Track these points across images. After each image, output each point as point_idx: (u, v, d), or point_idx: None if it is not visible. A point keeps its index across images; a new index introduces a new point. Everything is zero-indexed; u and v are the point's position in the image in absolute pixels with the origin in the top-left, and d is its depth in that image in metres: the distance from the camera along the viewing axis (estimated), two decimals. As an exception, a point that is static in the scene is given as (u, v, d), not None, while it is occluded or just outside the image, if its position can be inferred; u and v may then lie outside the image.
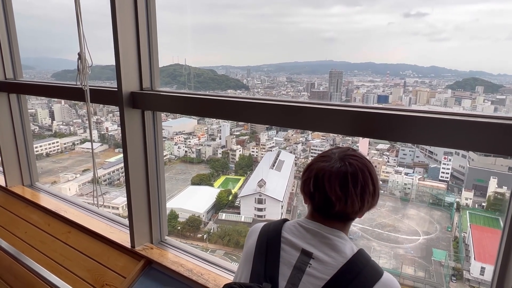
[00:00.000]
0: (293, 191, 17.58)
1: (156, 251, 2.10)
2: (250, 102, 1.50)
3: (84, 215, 2.55)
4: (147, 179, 2.08)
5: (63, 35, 18.24)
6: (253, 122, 1.52)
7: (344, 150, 1.01)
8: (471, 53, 22.65)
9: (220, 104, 1.63)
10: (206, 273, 1.86)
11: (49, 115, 21.68)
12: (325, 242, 0.95)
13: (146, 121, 1.98)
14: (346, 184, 0.94)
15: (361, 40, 21.01)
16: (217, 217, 15.45)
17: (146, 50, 1.90)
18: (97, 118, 21.35)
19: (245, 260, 1.04)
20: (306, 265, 0.92)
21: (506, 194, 13.18)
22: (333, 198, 0.95)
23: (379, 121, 1.20)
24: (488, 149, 1.05)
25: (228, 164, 20.11)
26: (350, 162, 0.97)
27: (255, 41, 24.28)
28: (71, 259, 2.25)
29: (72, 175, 17.04)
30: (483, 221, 13.10)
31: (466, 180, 14.30)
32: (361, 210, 0.97)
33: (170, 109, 1.93)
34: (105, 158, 18.81)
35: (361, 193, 0.95)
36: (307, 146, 19.94)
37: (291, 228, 1.01)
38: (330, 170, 0.96)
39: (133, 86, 1.92)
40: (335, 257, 0.91)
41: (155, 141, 2.06)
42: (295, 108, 1.42)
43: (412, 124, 1.14)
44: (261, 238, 1.03)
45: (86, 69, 1.86)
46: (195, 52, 23.80)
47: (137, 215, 2.09)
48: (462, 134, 1.07)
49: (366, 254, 0.93)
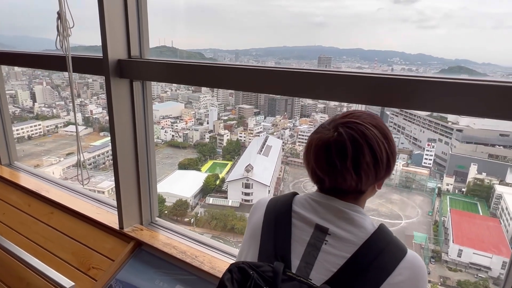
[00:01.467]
0: (280, 176, 17.69)
1: (147, 232, 1.98)
2: (253, 69, 1.37)
3: (68, 195, 2.39)
4: (136, 155, 1.94)
5: (46, 11, 17.36)
6: (254, 90, 1.39)
7: (346, 115, 0.87)
8: (458, 41, 22.81)
9: (216, 71, 1.49)
10: (200, 255, 1.76)
11: (30, 97, 20.88)
12: (341, 216, 0.84)
13: (135, 92, 1.81)
14: (330, 157, 0.82)
15: (350, 25, 20.82)
16: (204, 201, 15.44)
17: (135, 13, 1.72)
18: (80, 101, 20.71)
19: (250, 237, 0.93)
20: (322, 242, 0.82)
21: (485, 180, 13.65)
22: (320, 173, 0.85)
23: (398, 87, 1.10)
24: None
25: (215, 149, 20.01)
26: (343, 130, 0.83)
27: (244, 24, 23.72)
28: (54, 241, 2.10)
29: (56, 159, 16.59)
30: (462, 206, 13.56)
31: (448, 166, 14.70)
32: (362, 184, 0.84)
33: (162, 77, 1.76)
34: (90, 142, 18.37)
35: (354, 166, 0.82)
36: (295, 132, 19.99)
37: (302, 202, 0.90)
38: (317, 141, 0.85)
39: (121, 54, 1.74)
40: (354, 233, 0.81)
41: (144, 114, 1.90)
42: (301, 74, 1.29)
43: (438, 89, 1.03)
44: (269, 214, 0.92)
45: (67, 31, 1.66)
46: (183, 34, 23.05)
47: (126, 194, 1.95)
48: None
49: (388, 229, 0.84)
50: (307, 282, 0.75)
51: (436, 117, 15.56)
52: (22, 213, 2.38)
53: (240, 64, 1.41)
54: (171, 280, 1.73)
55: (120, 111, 1.82)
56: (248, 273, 0.74)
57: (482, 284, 10.47)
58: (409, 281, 0.78)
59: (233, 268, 0.76)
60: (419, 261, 0.82)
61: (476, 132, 14.33)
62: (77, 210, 2.18)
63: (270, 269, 0.76)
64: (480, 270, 10.72)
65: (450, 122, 15.07)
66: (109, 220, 2.06)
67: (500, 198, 12.48)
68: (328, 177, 0.85)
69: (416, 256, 0.82)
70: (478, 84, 1.00)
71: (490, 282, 10.50)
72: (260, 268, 0.75)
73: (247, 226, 0.99)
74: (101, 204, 2.27)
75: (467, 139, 14.49)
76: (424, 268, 0.81)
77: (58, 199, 2.30)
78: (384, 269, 0.77)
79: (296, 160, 18.35)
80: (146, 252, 1.90)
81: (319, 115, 20.14)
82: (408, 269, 0.78)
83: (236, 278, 0.74)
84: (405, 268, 0.78)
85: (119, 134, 1.85)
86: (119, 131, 1.85)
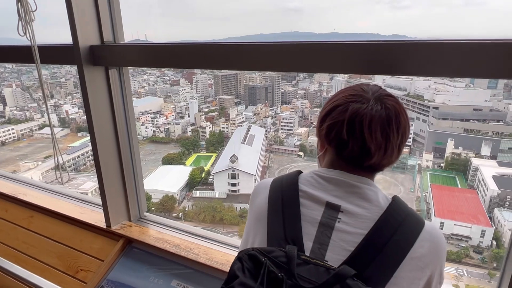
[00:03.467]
0: (266, 164, 17.72)
1: (136, 228, 1.88)
2: (243, 45, 1.27)
3: (48, 196, 2.25)
4: (118, 149, 1.82)
5: (5, 11, 16.37)
6: (243, 68, 1.31)
7: (377, 89, 0.83)
8: (430, 21, 23.22)
9: (202, 49, 1.38)
10: (195, 247, 1.69)
11: (0, 101, 19.83)
12: (353, 191, 0.79)
13: (111, 80, 1.69)
14: (388, 131, 0.77)
15: (325, 9, 20.79)
16: (191, 195, 15.29)
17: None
18: (54, 102, 19.85)
19: (255, 221, 0.86)
20: (335, 220, 0.76)
21: (462, 154, 14.16)
22: (372, 147, 0.77)
23: (395, 53, 1.04)
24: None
25: (198, 142, 19.76)
26: (389, 104, 0.79)
27: (220, 13, 23.23)
28: (36, 246, 1.97)
29: (34, 163, 15.91)
30: (442, 181, 14.04)
31: (426, 143, 15.13)
32: (395, 160, 0.83)
33: (140, 62, 1.63)
34: (68, 143, 17.72)
35: (401, 141, 0.80)
36: (277, 119, 19.97)
37: (309, 180, 0.84)
38: (370, 114, 0.77)
39: (92, 39, 1.61)
40: (368, 208, 0.76)
41: (124, 104, 1.78)
42: (289, 47, 1.21)
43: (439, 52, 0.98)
44: (274, 194, 0.85)
45: (30, 15, 1.50)
46: (157, 26, 22.30)
47: (111, 190, 1.84)
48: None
49: (403, 201, 0.79)
50: (323, 264, 0.69)
51: (413, 96, 15.90)
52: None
53: (226, 41, 1.32)
54: (166, 276, 1.65)
55: (97, 102, 1.69)
56: (259, 260, 0.67)
57: (464, 253, 10.95)
58: (430, 253, 0.74)
59: (242, 256, 0.70)
60: (438, 231, 0.78)
61: (452, 108, 14.77)
62: (59, 212, 2.05)
63: (282, 253, 0.70)
64: (461, 240, 11.19)
65: (426, 100, 15.45)
66: (95, 219, 1.95)
67: (477, 170, 13.00)
68: (378, 151, 0.78)
69: (434, 226, 0.78)
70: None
71: (470, 251, 11.00)
72: (272, 254, 0.69)
73: (250, 211, 0.92)
74: (85, 204, 2.15)
75: (443, 115, 14.92)
76: (443, 238, 0.78)
77: (38, 202, 2.16)
78: (405, 243, 0.72)
79: (280, 148, 18.40)
80: (137, 249, 1.81)
81: (300, 101, 20.19)
82: (428, 241, 0.74)
83: (248, 266, 0.68)
84: (425, 240, 0.74)
85: (98, 127, 1.72)
86: (98, 124, 1.72)
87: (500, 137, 13.69)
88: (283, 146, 18.43)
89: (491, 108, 14.53)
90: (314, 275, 0.66)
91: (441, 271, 0.77)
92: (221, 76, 21.76)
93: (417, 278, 0.72)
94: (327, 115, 0.84)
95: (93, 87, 1.67)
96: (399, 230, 0.73)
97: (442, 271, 0.78)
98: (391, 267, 0.70)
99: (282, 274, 0.65)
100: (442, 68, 1.00)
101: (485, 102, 14.56)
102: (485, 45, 0.94)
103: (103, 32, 1.62)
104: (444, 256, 0.77)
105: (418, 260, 0.72)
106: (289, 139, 18.48)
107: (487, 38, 0.94)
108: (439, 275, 0.77)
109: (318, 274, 0.66)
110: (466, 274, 10.48)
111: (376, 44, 1.06)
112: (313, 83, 20.61)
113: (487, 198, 11.58)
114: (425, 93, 15.65)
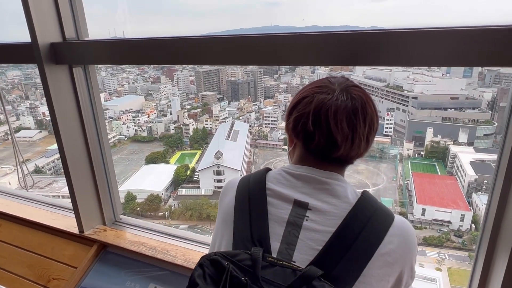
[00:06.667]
0: (251, 159, 17.69)
1: (111, 232, 1.82)
2: (210, 38, 1.23)
3: (16, 203, 2.14)
4: (88, 151, 1.74)
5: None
6: (215, 63, 1.26)
7: (343, 80, 0.81)
8: (407, 12, 23.61)
9: (175, 44, 1.31)
10: (172, 249, 1.64)
11: (-32, 104, 18.97)
12: (321, 188, 0.76)
13: (76, 79, 1.60)
14: (354, 121, 0.75)
15: (304, 2, 20.76)
16: (177, 194, 15.11)
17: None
18: (30, 103, 19.11)
19: (222, 223, 0.83)
20: (303, 219, 0.73)
21: (440, 142, 14.57)
22: (338, 138, 0.75)
23: (371, 43, 1.01)
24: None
25: (182, 139, 19.50)
26: (355, 94, 0.77)
27: (198, 9, 22.82)
28: (5, 256, 1.88)
29: (10, 168, 15.30)
30: (422, 168, 14.40)
31: (406, 133, 15.46)
32: (364, 151, 0.80)
33: (107, 59, 1.55)
34: (46, 146, 17.12)
35: (368, 131, 0.78)
36: (260, 114, 19.94)
37: (276, 177, 0.81)
38: (335, 104, 0.75)
39: (53, 36, 1.52)
40: (336, 204, 0.74)
41: (92, 104, 1.70)
42: (264, 39, 1.18)
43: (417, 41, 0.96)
44: (241, 194, 0.82)
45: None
46: (134, 21, 21.72)
47: (82, 194, 1.77)
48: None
49: (372, 196, 0.77)
50: (290, 266, 0.66)
51: (392, 87, 16.17)
52: (-36, 230, 2.10)
53: (199, 35, 1.26)
54: (143, 279, 1.60)
55: (61, 103, 1.61)
56: (222, 265, 0.64)
57: (445, 237, 11.32)
58: (400, 248, 0.72)
59: (204, 261, 0.66)
60: (408, 226, 0.76)
61: (430, 98, 15.13)
62: (28, 219, 1.95)
63: (247, 256, 0.67)
64: (442, 225, 11.56)
65: (405, 90, 15.74)
66: (67, 225, 1.87)
67: (455, 157, 13.41)
68: (345, 142, 0.76)
69: (404, 221, 0.76)
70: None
71: (451, 235, 11.38)
72: (236, 257, 0.66)
73: (218, 211, 0.88)
74: (56, 209, 2.06)
75: (422, 105, 15.27)
76: (414, 232, 0.76)
77: (5, 209, 2.05)
78: (373, 239, 0.70)
79: (264, 142, 18.41)
80: (113, 254, 1.75)
81: (283, 95, 20.20)
82: (398, 236, 0.72)
83: (209, 272, 0.64)
84: (394, 235, 0.72)
85: (64, 129, 1.64)
86: (64, 126, 1.64)
87: (476, 124, 14.13)
88: (268, 140, 18.45)
89: (467, 96, 14.96)
90: (280, 278, 0.63)
91: (411, 265, 0.76)
92: (202, 72, 21.50)
93: (387, 274, 0.70)
94: (293, 108, 0.81)
95: (56, 87, 1.58)
96: (367, 225, 0.71)
97: (413, 266, 0.76)
98: (360, 265, 0.68)
99: (246, 278, 0.62)
100: (418, 58, 0.98)
101: (461, 90, 14.97)
102: (458, 32, 0.93)
103: (64, 27, 1.53)
104: (415, 250, 0.76)
105: (388, 256, 0.70)
106: (273, 133, 18.51)
107: (460, 25, 0.93)
108: (410, 270, 0.76)
109: (284, 276, 0.64)
110: (448, 257, 10.85)
111: (351, 34, 1.03)
112: (295, 76, 20.65)
113: (465, 183, 11.96)
114: (404, 83, 15.95)
